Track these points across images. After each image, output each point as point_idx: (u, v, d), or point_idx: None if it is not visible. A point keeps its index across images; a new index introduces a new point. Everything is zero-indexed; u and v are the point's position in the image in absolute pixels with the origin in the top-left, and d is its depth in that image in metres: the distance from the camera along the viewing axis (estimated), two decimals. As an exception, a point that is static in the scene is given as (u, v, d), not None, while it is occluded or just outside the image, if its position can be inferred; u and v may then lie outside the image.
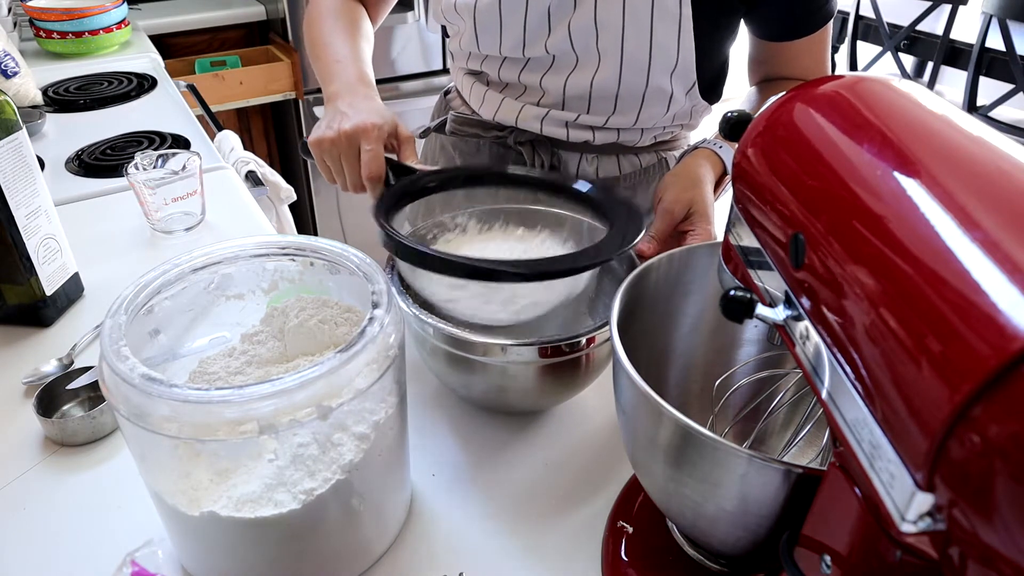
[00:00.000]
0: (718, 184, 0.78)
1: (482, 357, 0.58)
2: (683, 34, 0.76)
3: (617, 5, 0.76)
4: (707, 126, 0.89)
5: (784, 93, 0.39)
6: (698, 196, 0.73)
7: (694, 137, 0.96)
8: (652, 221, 0.73)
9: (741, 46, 0.86)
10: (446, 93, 1.03)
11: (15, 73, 1.35)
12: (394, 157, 0.71)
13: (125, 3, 1.80)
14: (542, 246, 0.66)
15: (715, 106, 0.90)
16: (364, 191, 0.70)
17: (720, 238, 0.69)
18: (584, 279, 0.62)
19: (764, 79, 0.87)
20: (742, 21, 0.82)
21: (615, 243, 0.56)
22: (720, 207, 0.75)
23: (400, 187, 0.66)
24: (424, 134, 0.99)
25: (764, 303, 0.37)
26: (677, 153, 0.94)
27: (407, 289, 0.64)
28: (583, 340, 0.57)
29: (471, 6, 0.81)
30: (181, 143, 1.25)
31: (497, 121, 0.90)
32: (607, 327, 0.54)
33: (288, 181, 1.54)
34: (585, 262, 0.55)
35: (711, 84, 0.86)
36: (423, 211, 0.70)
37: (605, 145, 0.88)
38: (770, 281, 0.38)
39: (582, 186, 0.66)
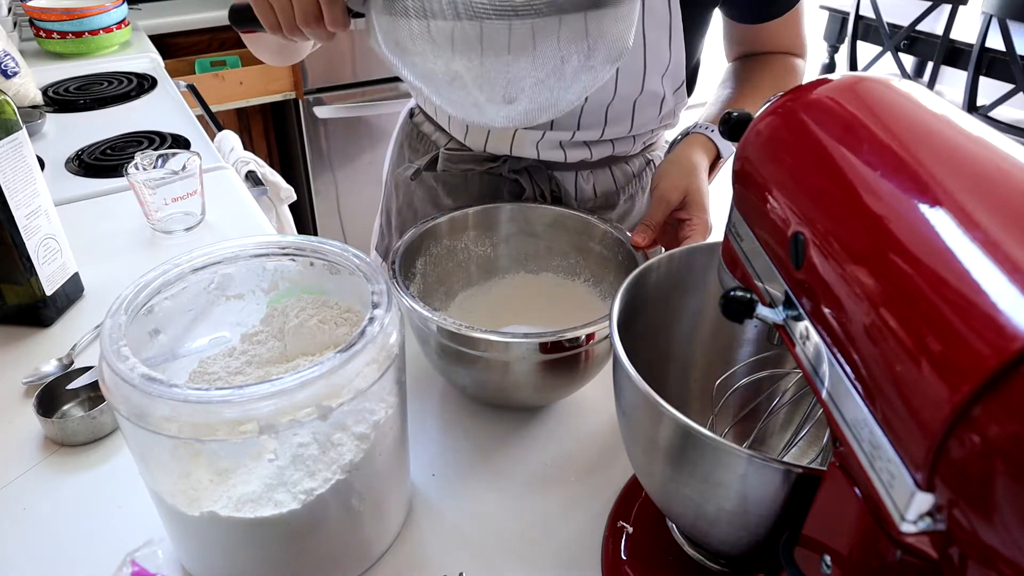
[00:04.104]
0: (712, 167, 0.78)
1: (484, 352, 0.58)
2: (674, 35, 0.76)
3: None
4: (685, 120, 0.89)
5: (784, 93, 0.39)
6: (694, 184, 0.72)
7: (671, 133, 0.95)
8: (648, 210, 0.73)
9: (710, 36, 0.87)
10: (411, 115, 0.95)
11: (15, 73, 1.35)
12: None
13: (125, 3, 1.80)
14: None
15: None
16: (316, 26, 0.57)
17: (715, 227, 0.68)
18: (626, 32, 0.53)
19: (742, 56, 0.88)
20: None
21: None
22: (720, 205, 0.75)
23: None
24: (415, 175, 0.88)
25: (764, 303, 0.37)
26: (660, 153, 0.94)
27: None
28: (583, 336, 0.58)
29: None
30: (181, 143, 1.25)
31: (489, 152, 0.85)
32: (607, 322, 0.54)
33: (288, 181, 1.55)
34: None
35: (690, 78, 0.85)
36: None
37: (600, 160, 0.87)
38: (770, 281, 0.38)
39: None
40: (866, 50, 2.53)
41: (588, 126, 0.82)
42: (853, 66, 2.56)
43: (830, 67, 2.83)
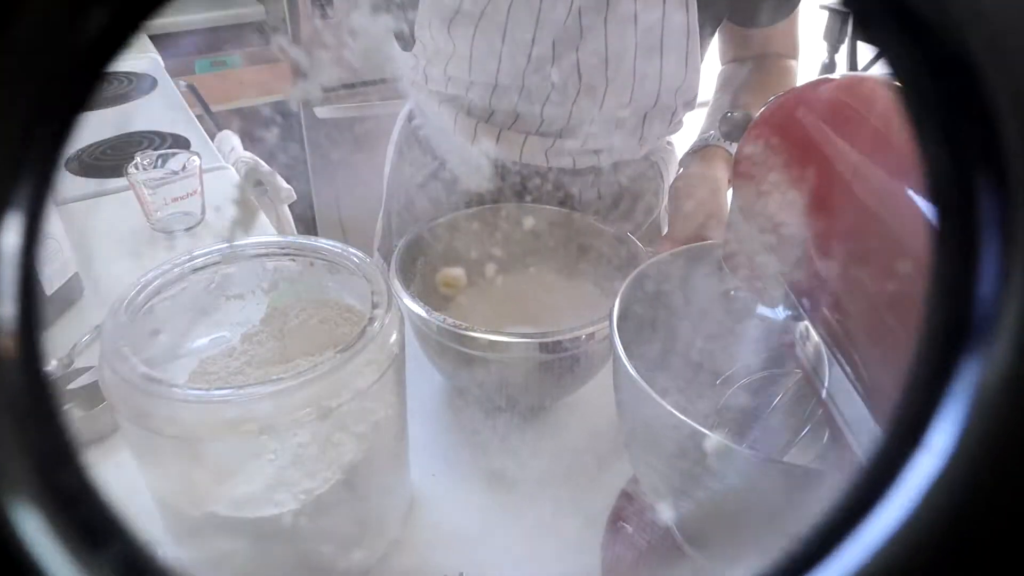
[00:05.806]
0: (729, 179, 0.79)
1: (484, 352, 0.58)
2: (690, 54, 0.76)
3: (629, 30, 0.74)
4: (686, 121, 0.90)
5: (784, 93, 0.39)
6: (719, 202, 0.73)
7: (675, 137, 0.96)
8: (676, 225, 0.73)
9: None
10: (409, 118, 0.95)
11: (15, 73, 1.35)
12: None
13: (125, 3, 1.79)
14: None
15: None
16: None
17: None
18: None
19: (736, 59, 0.89)
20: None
21: None
22: (720, 206, 0.75)
23: None
24: (425, 182, 0.90)
25: (764, 303, 0.37)
26: (664, 155, 0.94)
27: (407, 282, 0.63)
28: (583, 336, 0.58)
29: (471, 25, 0.75)
30: (181, 143, 1.25)
31: (497, 158, 0.85)
32: (607, 322, 0.54)
33: (288, 181, 1.54)
34: None
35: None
36: None
37: (607, 164, 0.87)
38: (770, 281, 0.38)
39: None
40: (866, 50, 2.53)
41: (598, 136, 0.82)
42: (853, 66, 2.56)
43: (830, 67, 2.83)
